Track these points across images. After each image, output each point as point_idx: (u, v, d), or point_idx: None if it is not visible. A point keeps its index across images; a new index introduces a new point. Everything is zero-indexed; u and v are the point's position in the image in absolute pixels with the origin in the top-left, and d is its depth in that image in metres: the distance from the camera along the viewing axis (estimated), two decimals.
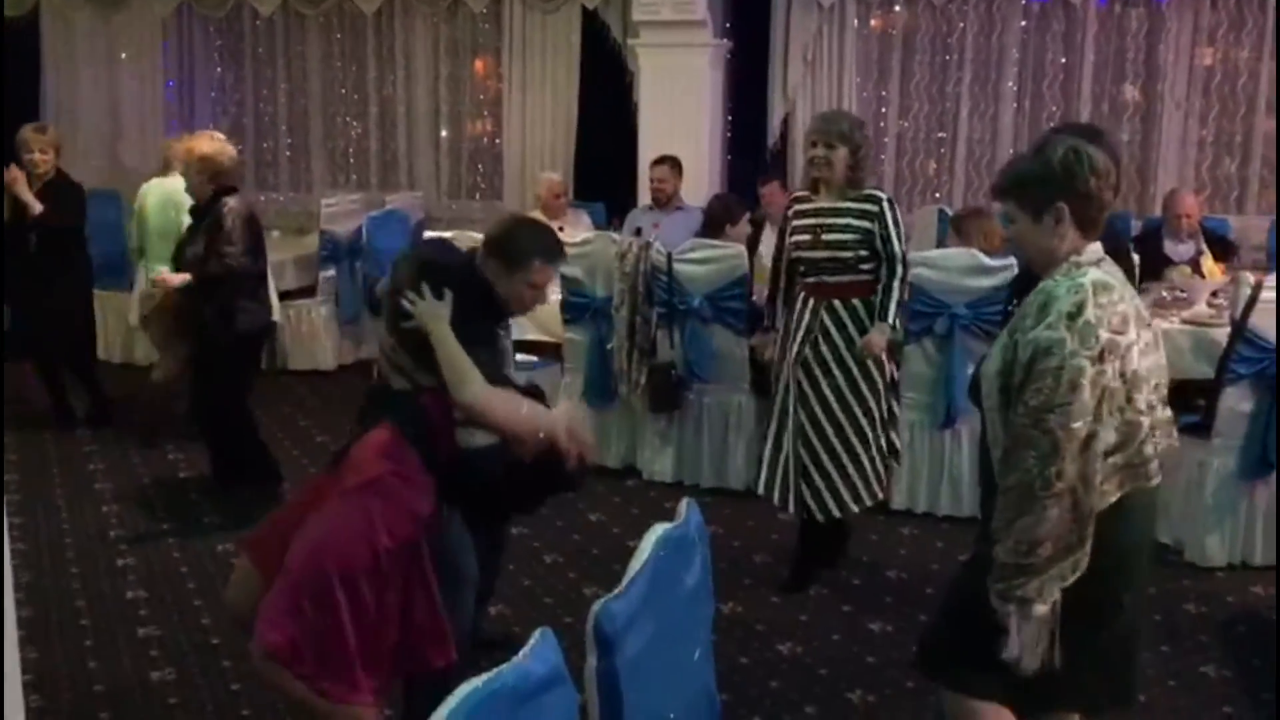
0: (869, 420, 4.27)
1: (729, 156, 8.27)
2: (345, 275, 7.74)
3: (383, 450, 2.88)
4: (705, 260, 5.37)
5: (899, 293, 4.20)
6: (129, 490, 5.57)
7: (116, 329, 7.67)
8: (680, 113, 7.66)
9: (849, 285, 4.24)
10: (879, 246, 4.19)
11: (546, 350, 6.04)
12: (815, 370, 4.25)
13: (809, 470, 4.28)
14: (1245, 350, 4.51)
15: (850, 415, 4.25)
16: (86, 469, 5.87)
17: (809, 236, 4.26)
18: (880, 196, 4.24)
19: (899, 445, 4.47)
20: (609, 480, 5.64)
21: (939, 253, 5.30)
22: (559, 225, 6.81)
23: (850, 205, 4.20)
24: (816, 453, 4.26)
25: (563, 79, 8.58)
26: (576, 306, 5.65)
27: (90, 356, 6.63)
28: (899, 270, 4.19)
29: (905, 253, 4.23)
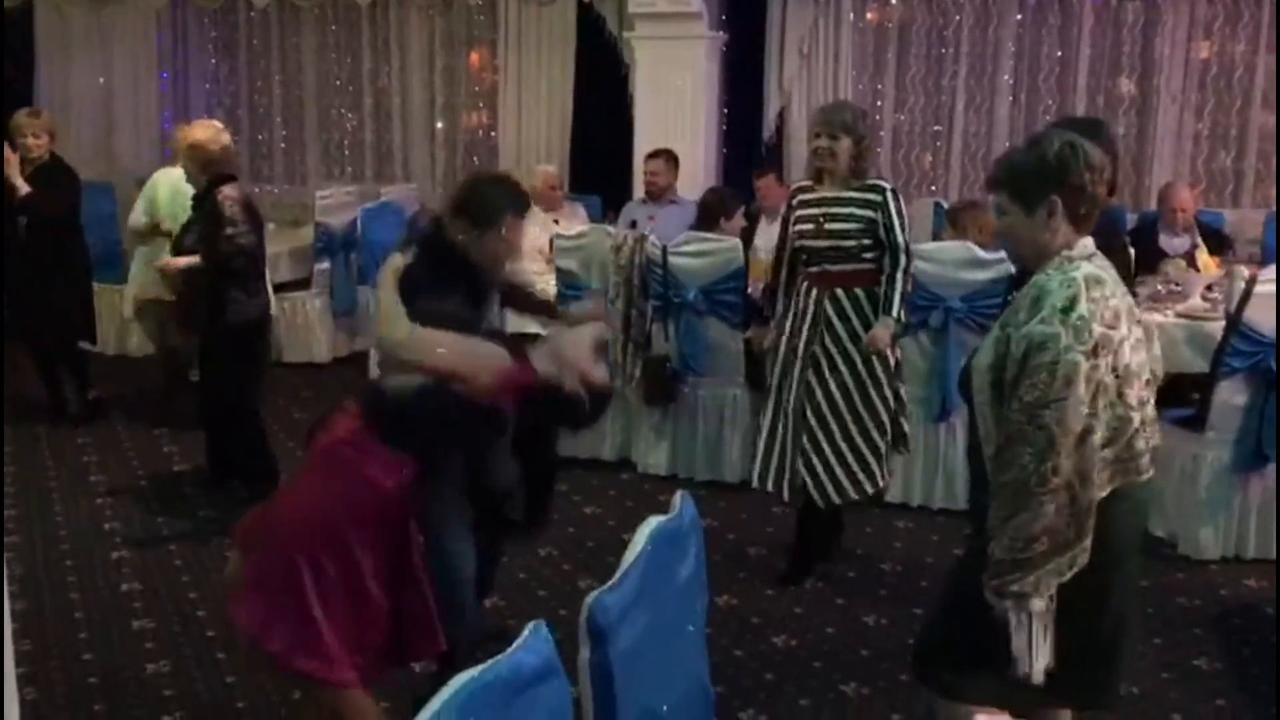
0: (871, 410, 4.27)
1: (724, 149, 8.25)
2: (340, 267, 7.71)
3: (342, 426, 2.88)
4: (700, 253, 5.36)
5: (902, 284, 4.20)
6: (124, 483, 5.57)
7: (110, 321, 7.65)
8: (676, 105, 7.64)
9: (852, 274, 4.25)
10: (882, 236, 4.19)
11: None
12: (822, 365, 4.26)
13: (810, 456, 4.29)
14: (1239, 344, 4.51)
15: (850, 405, 4.26)
16: (81, 461, 5.86)
17: (812, 226, 4.26)
18: (884, 186, 4.24)
19: (907, 430, 4.46)
20: (603, 473, 5.66)
21: (934, 246, 5.29)
22: (554, 218, 6.85)
23: (854, 195, 4.21)
24: (818, 441, 4.28)
25: (558, 71, 8.56)
26: (571, 299, 5.64)
27: (89, 342, 6.56)
28: (902, 260, 4.19)
29: (909, 243, 4.24)
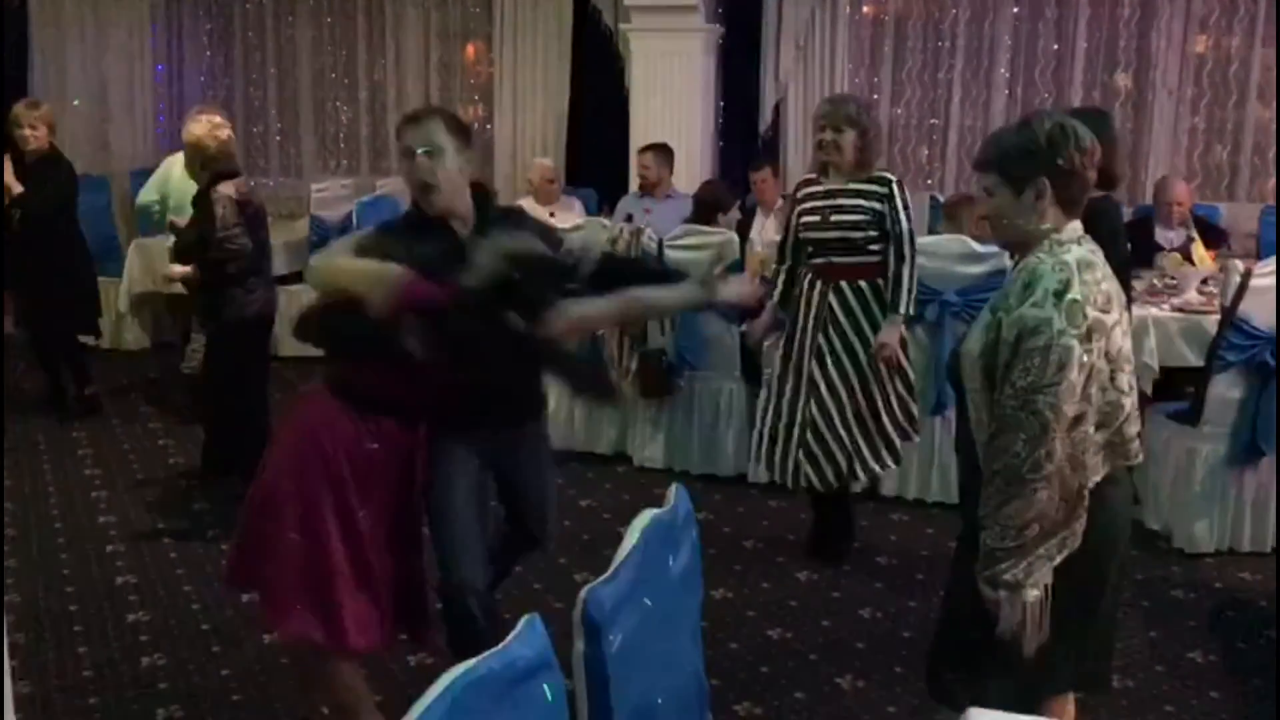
0: (870, 400, 4.30)
1: (721, 143, 8.24)
2: None
3: (307, 394, 3.05)
4: (696, 246, 5.36)
5: (909, 279, 4.21)
6: (118, 476, 5.56)
7: (105, 315, 7.61)
8: (672, 99, 7.62)
9: (857, 266, 4.25)
10: (888, 228, 4.20)
11: None
12: (827, 359, 4.29)
13: (810, 445, 4.32)
14: (1235, 338, 4.51)
15: (852, 395, 4.29)
16: (76, 455, 5.85)
17: (818, 217, 4.27)
18: (889, 178, 4.25)
19: (915, 414, 4.46)
20: (599, 466, 5.66)
21: (930, 240, 5.27)
22: (550, 211, 6.83)
23: (860, 187, 4.21)
24: (819, 429, 4.30)
25: (554, 64, 8.55)
26: None
27: (92, 335, 6.52)
28: (907, 252, 4.20)
29: (914, 234, 4.24)
